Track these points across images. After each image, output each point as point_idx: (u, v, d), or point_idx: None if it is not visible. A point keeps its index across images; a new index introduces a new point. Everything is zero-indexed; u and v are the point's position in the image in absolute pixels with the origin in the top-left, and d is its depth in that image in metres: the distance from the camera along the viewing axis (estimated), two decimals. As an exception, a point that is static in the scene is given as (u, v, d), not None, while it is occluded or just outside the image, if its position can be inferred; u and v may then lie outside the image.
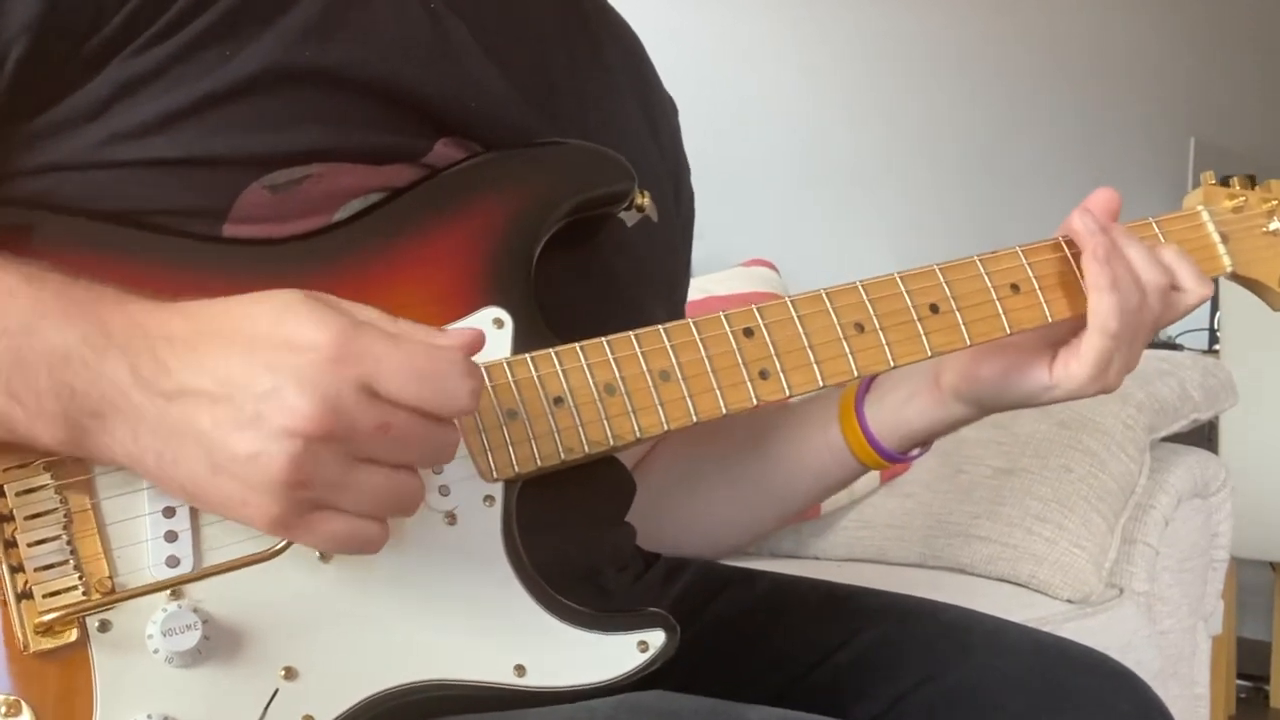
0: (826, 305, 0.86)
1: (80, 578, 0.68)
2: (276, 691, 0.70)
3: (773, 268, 2.20)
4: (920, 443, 1.01)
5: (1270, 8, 4.20)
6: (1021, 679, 0.88)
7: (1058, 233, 0.94)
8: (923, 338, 0.88)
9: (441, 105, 0.81)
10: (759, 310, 0.84)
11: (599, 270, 0.89)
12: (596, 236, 0.87)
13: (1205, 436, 2.72)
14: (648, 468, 1.06)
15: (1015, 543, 1.61)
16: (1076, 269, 0.92)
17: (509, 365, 0.77)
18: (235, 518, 0.66)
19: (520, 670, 0.75)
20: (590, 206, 0.84)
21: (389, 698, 0.72)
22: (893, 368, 0.88)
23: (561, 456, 0.78)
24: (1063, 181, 3.59)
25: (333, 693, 0.72)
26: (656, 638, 0.78)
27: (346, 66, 0.77)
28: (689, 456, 1.06)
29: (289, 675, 0.71)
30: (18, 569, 0.67)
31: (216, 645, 0.70)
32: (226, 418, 0.63)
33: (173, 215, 0.74)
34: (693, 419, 0.81)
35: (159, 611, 0.69)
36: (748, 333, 0.83)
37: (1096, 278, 0.89)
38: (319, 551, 0.72)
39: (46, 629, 0.67)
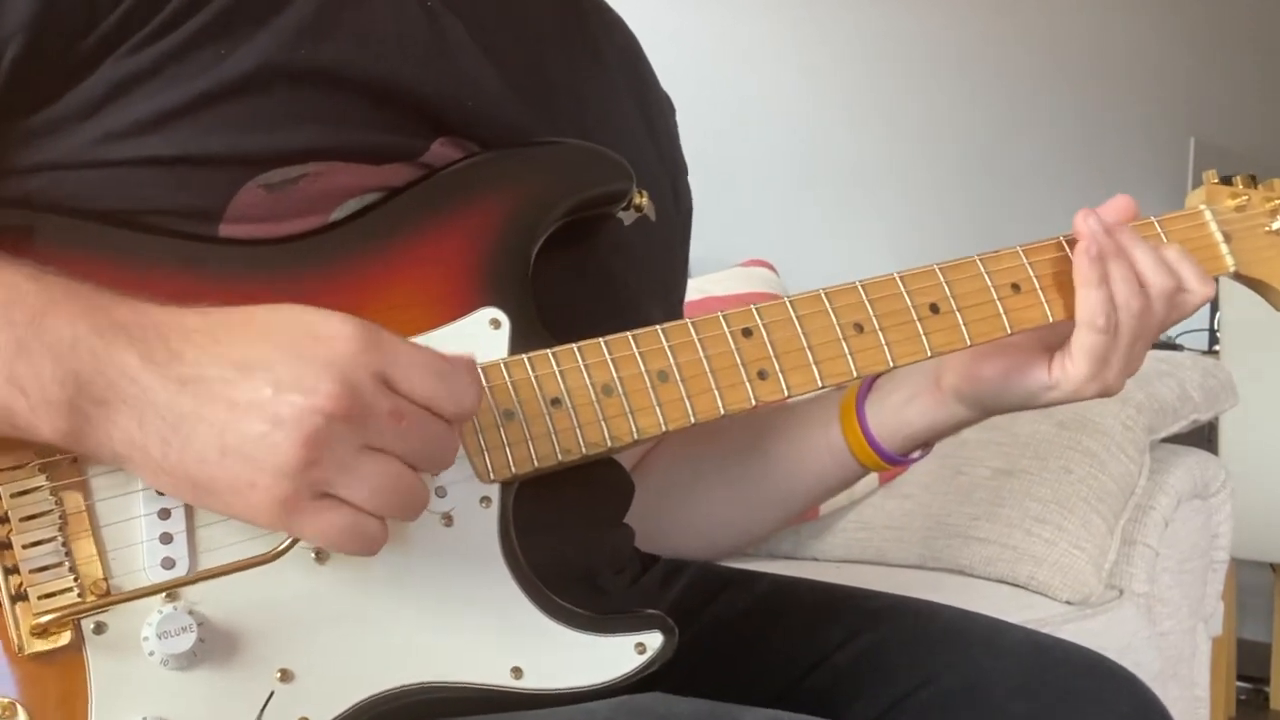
0: (826, 305, 0.85)
1: (75, 580, 0.68)
2: (272, 694, 0.70)
3: (771, 268, 2.19)
4: (921, 444, 1.01)
5: (1270, 8, 4.20)
6: (1021, 681, 0.88)
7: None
8: (923, 338, 0.88)
9: (438, 104, 0.81)
10: (758, 310, 0.83)
11: (596, 270, 0.89)
12: (594, 236, 0.87)
13: (1205, 437, 2.72)
14: (646, 469, 1.06)
15: (1014, 544, 1.61)
16: (1077, 268, 0.92)
17: (506, 366, 0.77)
18: (238, 505, 0.65)
19: (517, 672, 0.75)
20: (588, 206, 0.84)
21: (385, 700, 0.72)
22: (892, 368, 0.87)
23: (559, 458, 0.77)
24: (1063, 181, 3.59)
25: (329, 695, 0.71)
26: (654, 640, 0.78)
27: (342, 65, 0.77)
28: (688, 458, 1.06)
29: (285, 677, 0.71)
30: (12, 571, 0.67)
31: (212, 647, 0.69)
32: (243, 398, 0.64)
33: (168, 215, 0.74)
34: (691, 420, 0.81)
35: (154, 614, 0.68)
36: (746, 333, 0.83)
37: (1084, 273, 0.89)
38: (315, 552, 0.72)
39: (41, 631, 0.67)
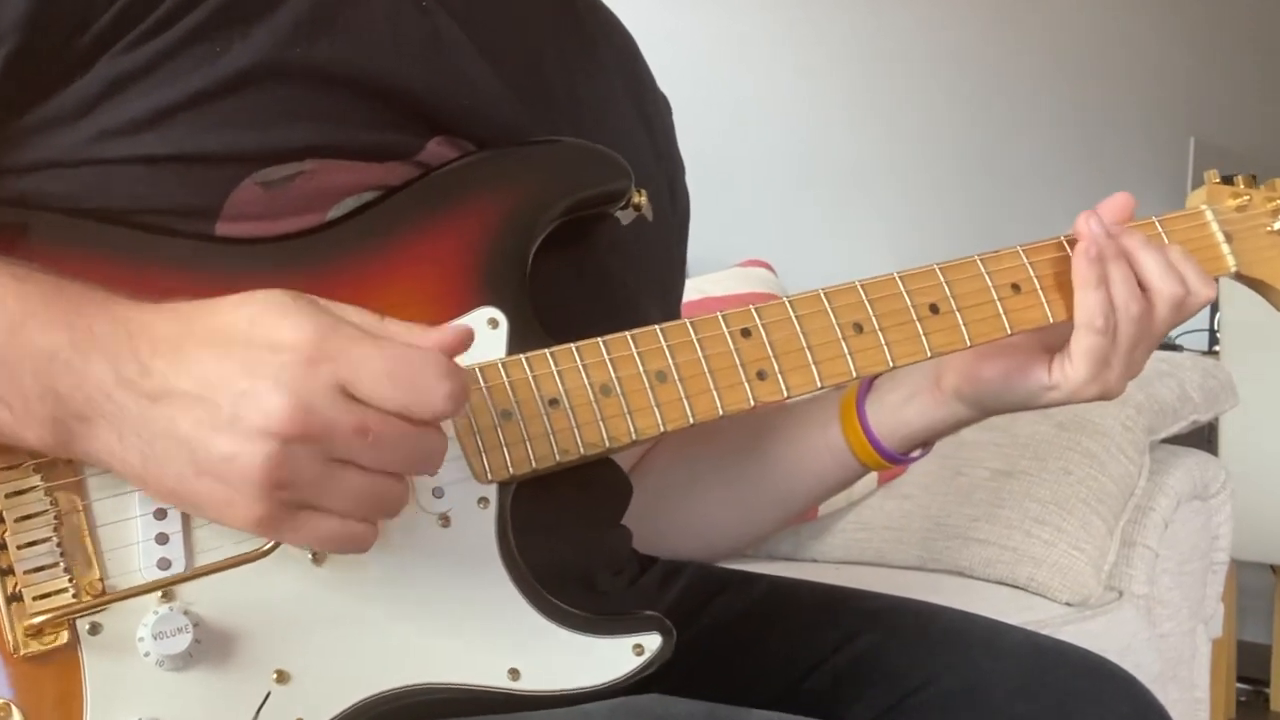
0: (825, 305, 0.85)
1: (71, 580, 0.68)
2: (269, 694, 0.70)
3: (770, 269, 2.19)
4: (921, 443, 1.01)
5: (1270, 8, 4.20)
6: (1020, 682, 0.88)
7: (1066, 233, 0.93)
8: (922, 338, 0.87)
9: (434, 103, 0.81)
10: (757, 311, 0.83)
11: (594, 270, 0.88)
12: (592, 236, 0.87)
13: (1205, 438, 2.72)
14: (645, 470, 1.05)
15: (1014, 545, 1.61)
16: (1077, 268, 0.91)
17: (503, 366, 0.77)
18: (222, 520, 0.65)
19: (515, 674, 0.75)
20: (586, 205, 0.83)
21: (381, 701, 0.72)
22: (892, 368, 0.87)
23: (556, 458, 0.77)
24: (1063, 182, 3.58)
25: (325, 696, 0.71)
26: (652, 641, 0.77)
27: (337, 63, 0.77)
28: (685, 458, 1.06)
29: (281, 678, 0.70)
30: (7, 571, 0.67)
31: (208, 648, 0.69)
32: (206, 418, 0.63)
33: (165, 213, 0.74)
34: (689, 420, 0.80)
35: (150, 614, 0.68)
36: (745, 333, 0.83)
37: (1082, 274, 0.89)
38: (312, 553, 0.71)
39: (37, 632, 0.67)
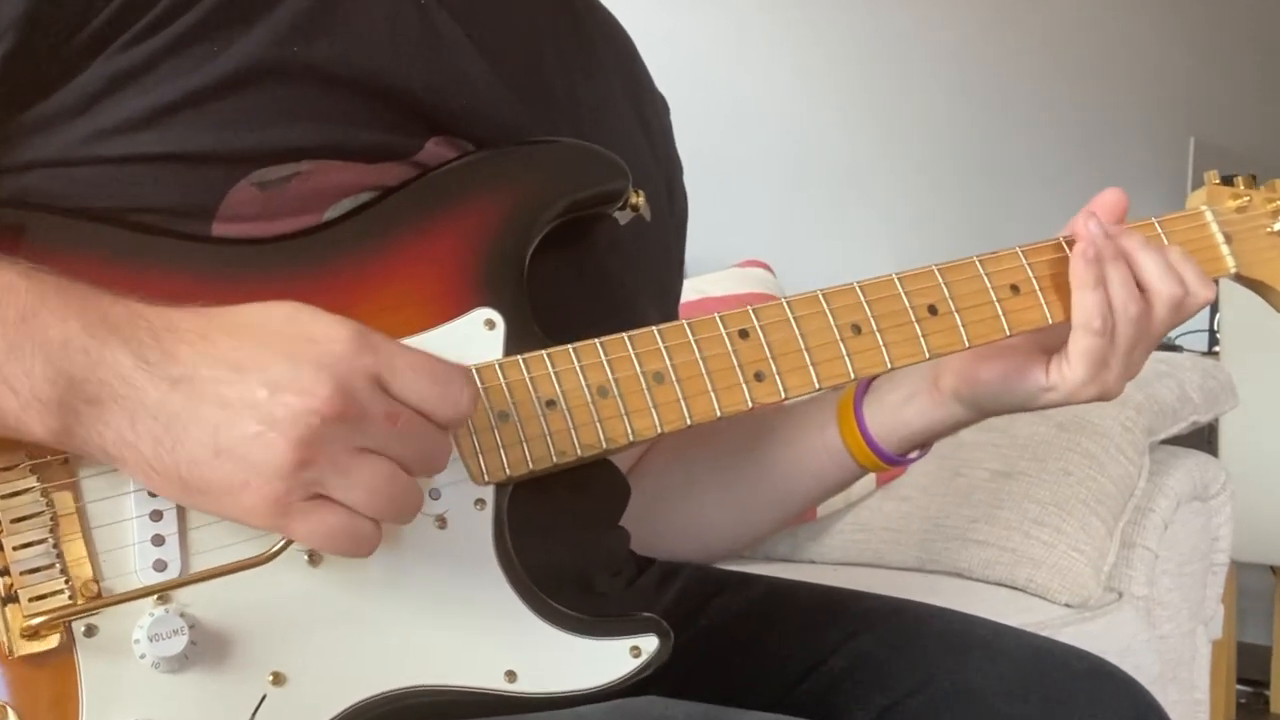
0: (823, 306, 0.85)
1: (66, 581, 0.67)
2: (264, 697, 0.70)
3: (768, 269, 2.19)
4: (919, 444, 1.01)
5: (1270, 8, 4.19)
6: (1019, 684, 0.88)
7: (1063, 233, 0.93)
8: (921, 339, 0.87)
9: (432, 103, 0.81)
10: (755, 312, 0.83)
11: (592, 270, 0.88)
12: (590, 236, 0.87)
13: (1205, 439, 2.71)
14: (642, 471, 1.05)
15: (1013, 546, 1.61)
16: (1077, 269, 0.91)
17: (500, 367, 0.76)
18: (230, 505, 0.65)
19: (511, 676, 0.74)
20: (584, 206, 0.83)
21: (378, 703, 0.72)
22: (890, 370, 0.87)
23: (554, 459, 0.77)
24: (1062, 182, 3.58)
25: (321, 698, 0.71)
26: (649, 643, 0.77)
27: (335, 63, 0.77)
28: (684, 459, 1.06)
29: (277, 680, 0.70)
30: (3, 572, 0.67)
31: (204, 650, 0.69)
32: (236, 398, 0.63)
33: (161, 213, 0.74)
34: (687, 421, 0.80)
35: (145, 616, 0.68)
36: (743, 334, 0.82)
37: (1079, 275, 0.89)
38: (308, 554, 0.71)
39: (32, 633, 0.67)
